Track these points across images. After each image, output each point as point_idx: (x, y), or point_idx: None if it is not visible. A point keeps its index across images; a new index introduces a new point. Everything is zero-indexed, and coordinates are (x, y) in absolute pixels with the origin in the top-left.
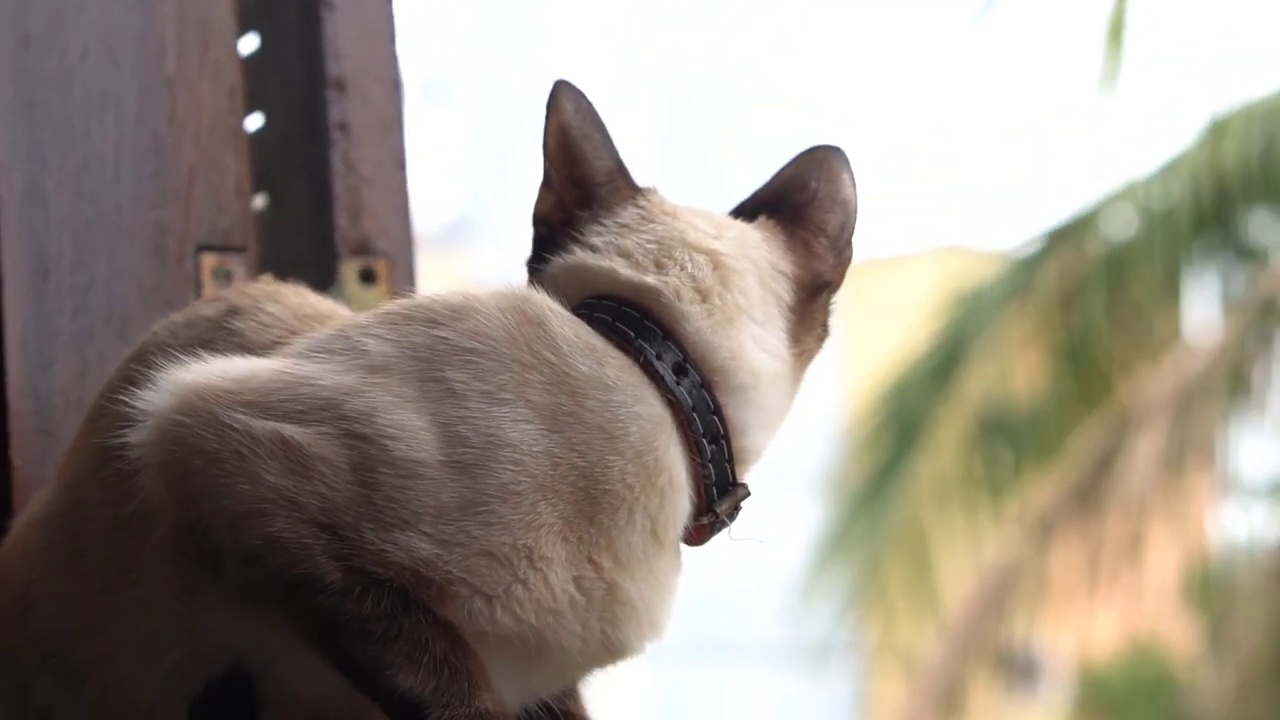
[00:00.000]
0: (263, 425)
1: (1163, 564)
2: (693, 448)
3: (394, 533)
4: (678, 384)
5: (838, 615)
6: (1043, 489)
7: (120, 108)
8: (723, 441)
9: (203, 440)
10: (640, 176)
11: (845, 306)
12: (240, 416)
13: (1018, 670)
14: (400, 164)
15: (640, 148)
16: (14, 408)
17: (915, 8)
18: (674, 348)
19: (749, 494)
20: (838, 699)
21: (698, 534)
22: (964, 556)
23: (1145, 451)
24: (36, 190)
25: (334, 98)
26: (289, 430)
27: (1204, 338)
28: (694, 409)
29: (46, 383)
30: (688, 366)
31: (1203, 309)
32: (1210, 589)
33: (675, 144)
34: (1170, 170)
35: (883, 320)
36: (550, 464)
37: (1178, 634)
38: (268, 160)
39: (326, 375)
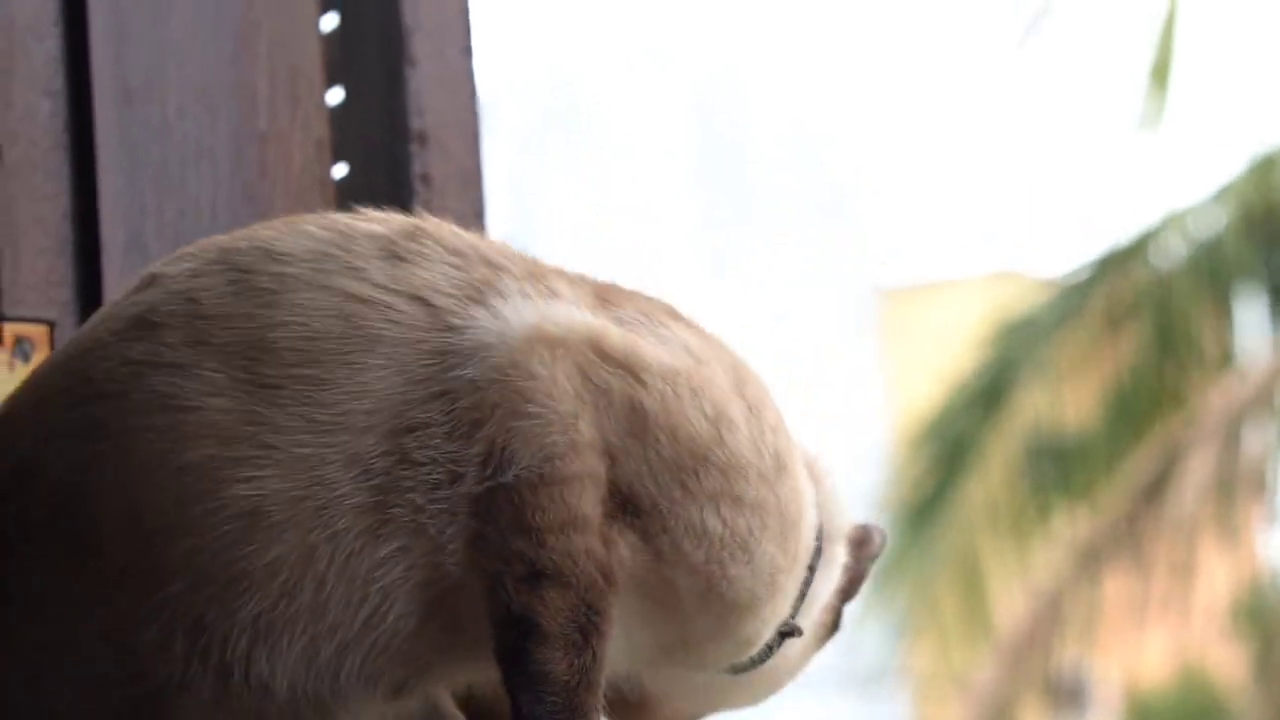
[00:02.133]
0: (621, 387)
1: (1212, 590)
2: None
3: (694, 513)
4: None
5: (890, 639)
6: (1093, 514)
7: (215, 159)
8: None
9: (557, 390)
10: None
11: (895, 330)
12: (603, 374)
13: (1067, 695)
14: (479, 214)
15: (680, 174)
16: None
17: (968, 32)
18: None
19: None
20: None
21: None
22: (1015, 581)
23: (1195, 477)
24: (137, 238)
25: (416, 151)
26: (639, 396)
27: (1253, 364)
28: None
29: None
30: None
31: (1252, 336)
32: (1259, 616)
33: (712, 167)
34: (1219, 198)
35: (933, 344)
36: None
37: (1226, 661)
38: (349, 207)
39: (665, 354)
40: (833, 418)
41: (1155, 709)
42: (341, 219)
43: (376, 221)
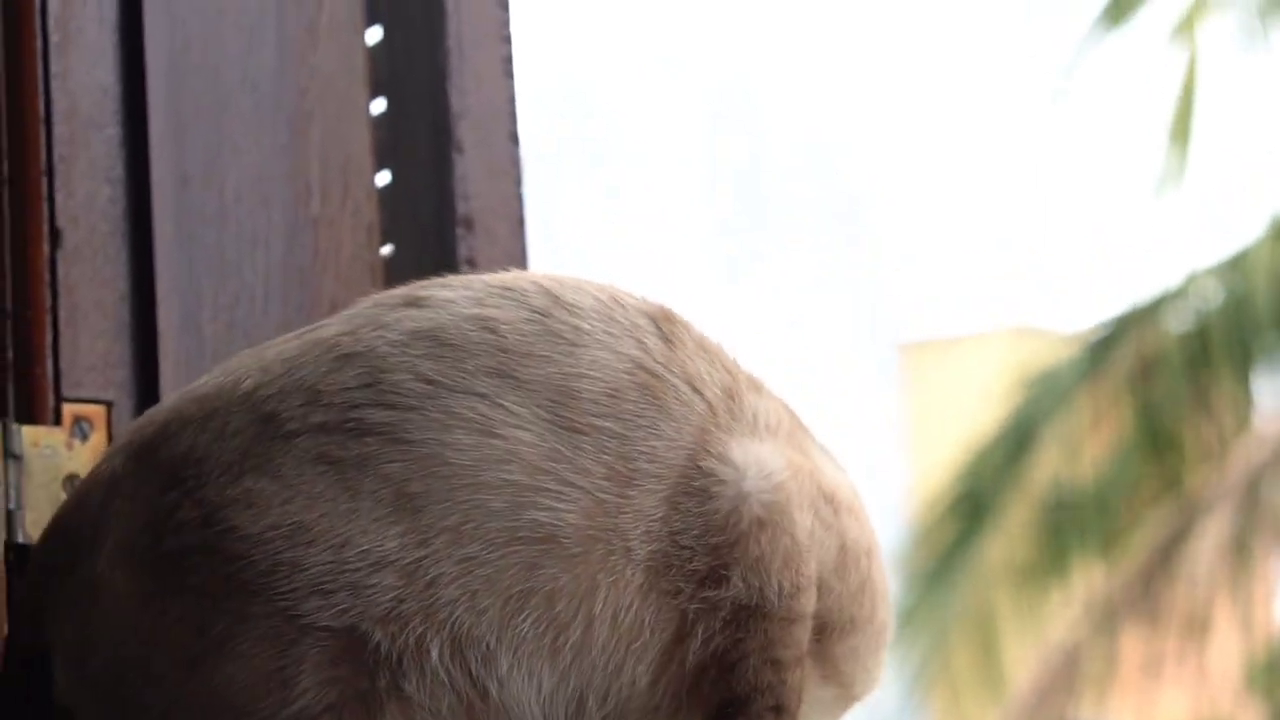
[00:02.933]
0: (833, 524)
1: (1227, 649)
2: None
3: (858, 638)
4: None
5: (904, 694)
6: (1110, 572)
7: (269, 244)
8: None
9: (801, 530)
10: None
11: (913, 384)
12: (825, 513)
13: None
14: None
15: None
16: None
17: (993, 85)
18: None
19: None
20: None
21: None
22: (1031, 638)
23: (1212, 536)
24: (192, 320)
25: (462, 234)
26: (844, 533)
27: (1273, 425)
28: None
29: None
30: None
31: (1272, 397)
32: (1275, 675)
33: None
34: (1241, 259)
35: (951, 399)
36: None
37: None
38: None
39: (839, 480)
40: (851, 447)
41: None
42: (604, 285)
43: (633, 295)
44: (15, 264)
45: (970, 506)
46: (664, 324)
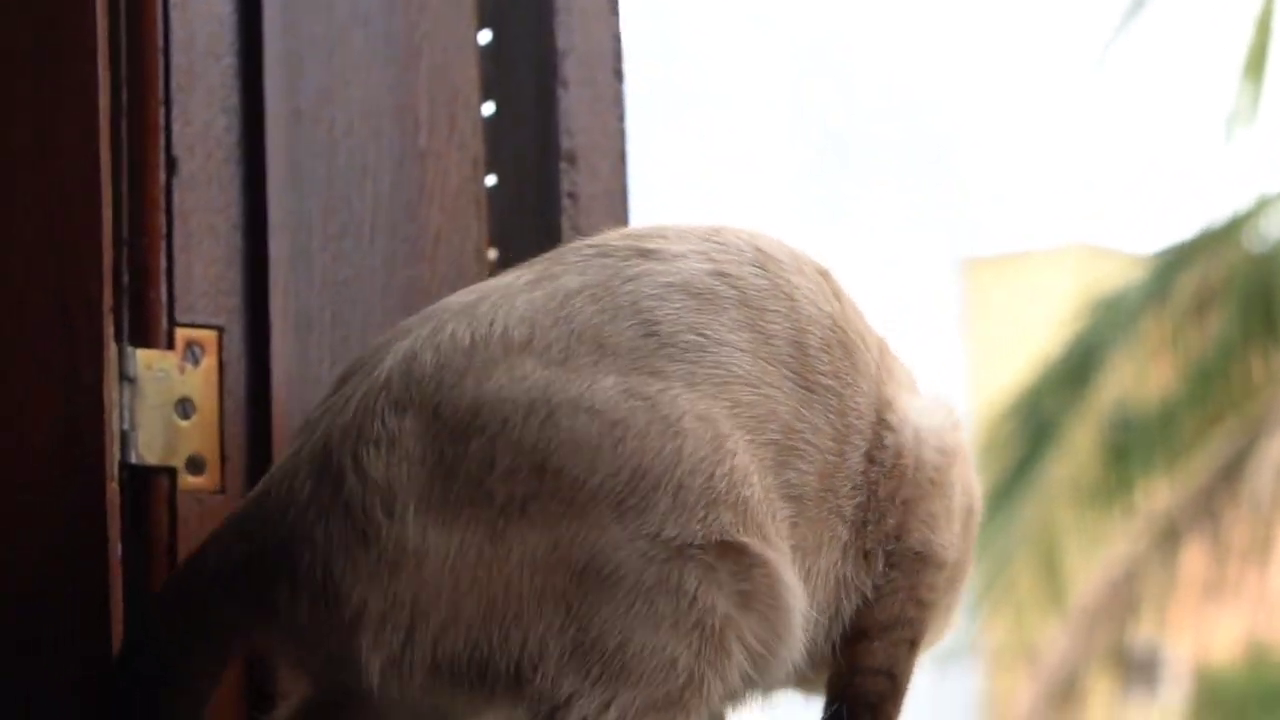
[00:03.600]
0: (970, 488)
1: None
2: None
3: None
4: None
5: (965, 613)
6: (1172, 493)
7: (378, 178)
8: None
9: (957, 491)
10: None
11: (976, 300)
12: (969, 478)
13: (1138, 671)
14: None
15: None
16: (278, 446)
17: (1073, 14)
18: None
19: None
20: (961, 695)
21: None
22: (1092, 558)
23: (1273, 459)
24: (303, 251)
25: (565, 169)
26: (974, 499)
27: None
28: None
29: None
30: None
31: None
32: None
33: (809, 122)
34: None
35: (1013, 315)
36: None
37: None
38: (502, 220)
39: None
40: (913, 361)
41: (1226, 687)
42: (776, 239)
43: (801, 250)
44: (132, 191)
45: (1035, 427)
46: (831, 280)
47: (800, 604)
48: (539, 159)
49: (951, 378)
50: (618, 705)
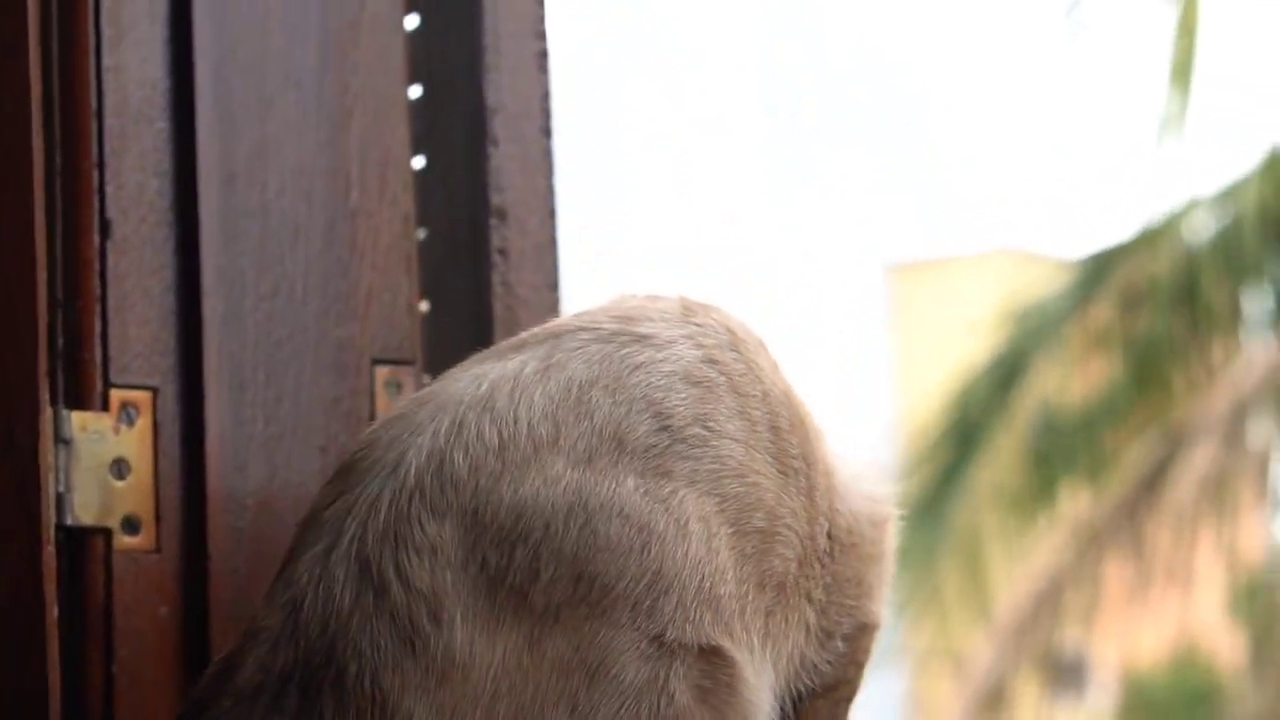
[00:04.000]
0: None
1: (1210, 576)
2: None
3: None
4: None
5: (892, 617)
6: (1097, 499)
7: (310, 237)
8: None
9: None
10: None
11: (900, 306)
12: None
13: (1065, 675)
14: (553, 286)
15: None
16: (212, 506)
17: (1005, 13)
18: None
19: None
20: (888, 698)
21: None
22: (1018, 565)
23: (1197, 465)
24: (236, 311)
25: (495, 225)
26: None
27: (1259, 356)
28: None
29: (241, 484)
30: None
31: (1260, 328)
32: (1257, 601)
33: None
34: (1233, 192)
35: (937, 322)
36: None
37: (1223, 645)
38: (432, 272)
39: None
40: (838, 369)
41: (1152, 690)
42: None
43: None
44: (66, 254)
45: (961, 432)
46: (771, 352)
47: (763, 700)
48: (469, 214)
49: (877, 384)
50: None
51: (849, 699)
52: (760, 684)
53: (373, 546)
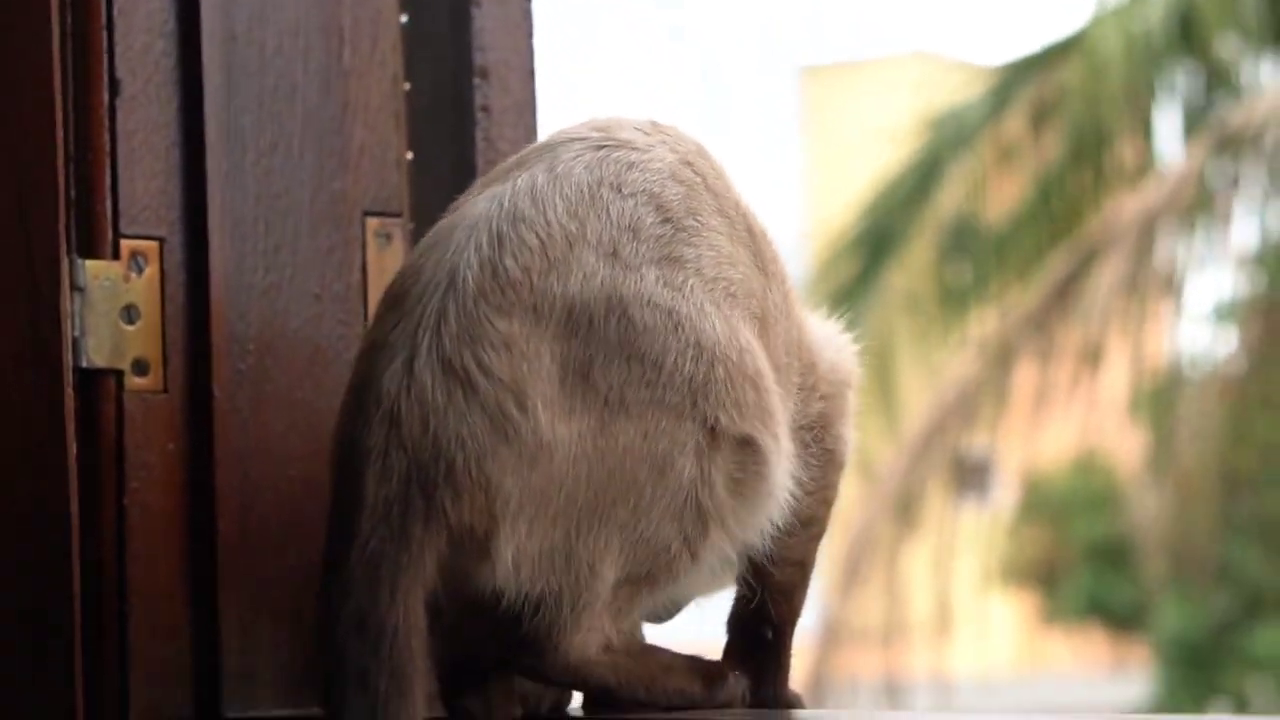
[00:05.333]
0: None
1: (1115, 383)
2: None
3: None
4: None
5: None
6: (1007, 309)
7: (306, 95)
8: None
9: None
10: None
11: (812, 109)
12: None
13: (970, 477)
14: (531, 141)
15: None
16: (216, 349)
17: None
18: None
19: None
20: None
21: None
22: (928, 372)
23: (1107, 276)
24: (237, 166)
25: (479, 84)
26: None
27: (1171, 167)
28: None
29: (242, 329)
30: None
31: (1172, 139)
32: (1156, 408)
33: None
34: (1145, 1)
35: (849, 125)
36: None
37: (1123, 451)
38: (417, 127)
39: None
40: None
41: (1053, 492)
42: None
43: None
44: (78, 111)
45: (874, 239)
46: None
47: (780, 494)
48: (453, 74)
49: (788, 187)
50: (629, 587)
51: (818, 537)
52: (781, 477)
53: (452, 349)
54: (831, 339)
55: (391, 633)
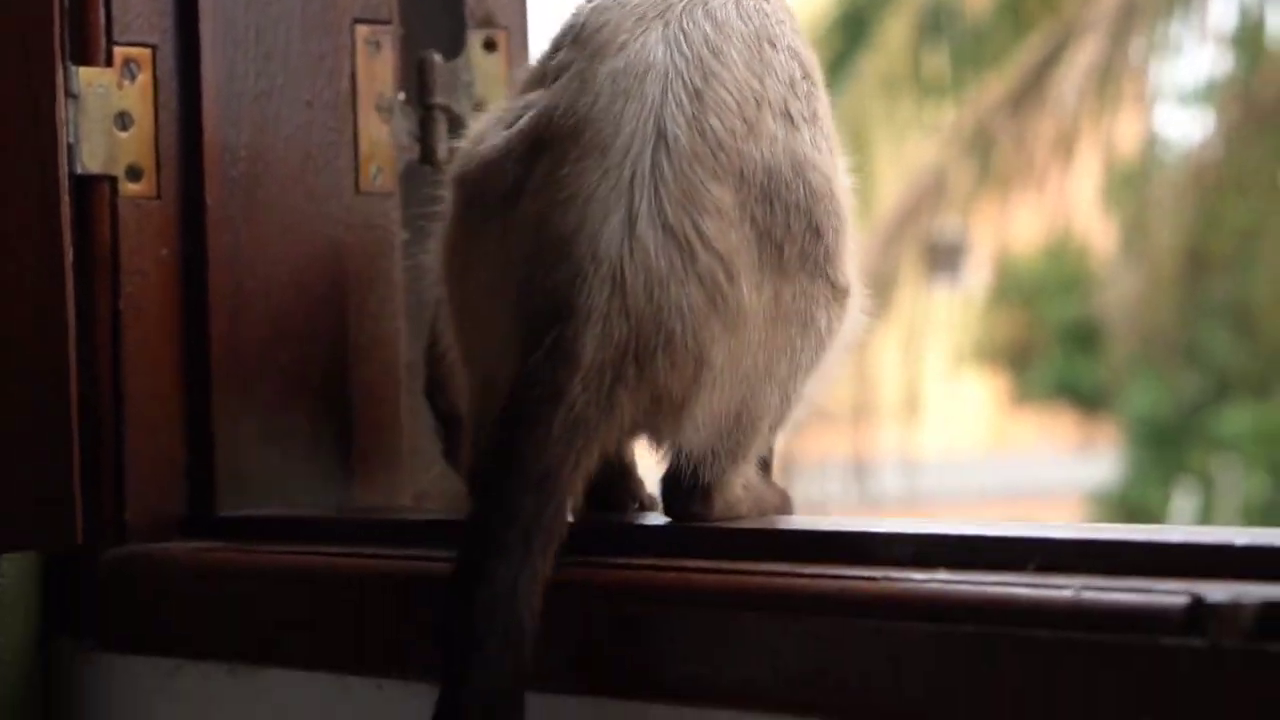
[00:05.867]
0: None
1: (1089, 167)
2: None
3: None
4: None
5: None
6: (982, 92)
7: None
8: None
9: None
10: None
11: None
12: None
13: (942, 258)
14: None
15: None
16: (208, 156)
17: None
18: None
19: None
20: None
21: None
22: (902, 154)
23: (1083, 59)
24: None
25: None
26: None
27: None
28: None
29: (234, 136)
30: None
31: None
32: (1130, 190)
33: None
34: None
35: None
36: None
37: (1096, 234)
38: None
39: None
40: None
41: (1026, 274)
42: None
43: None
44: None
45: (850, 22)
46: None
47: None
48: None
49: None
50: (771, 433)
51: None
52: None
53: (673, 213)
54: None
55: (563, 496)
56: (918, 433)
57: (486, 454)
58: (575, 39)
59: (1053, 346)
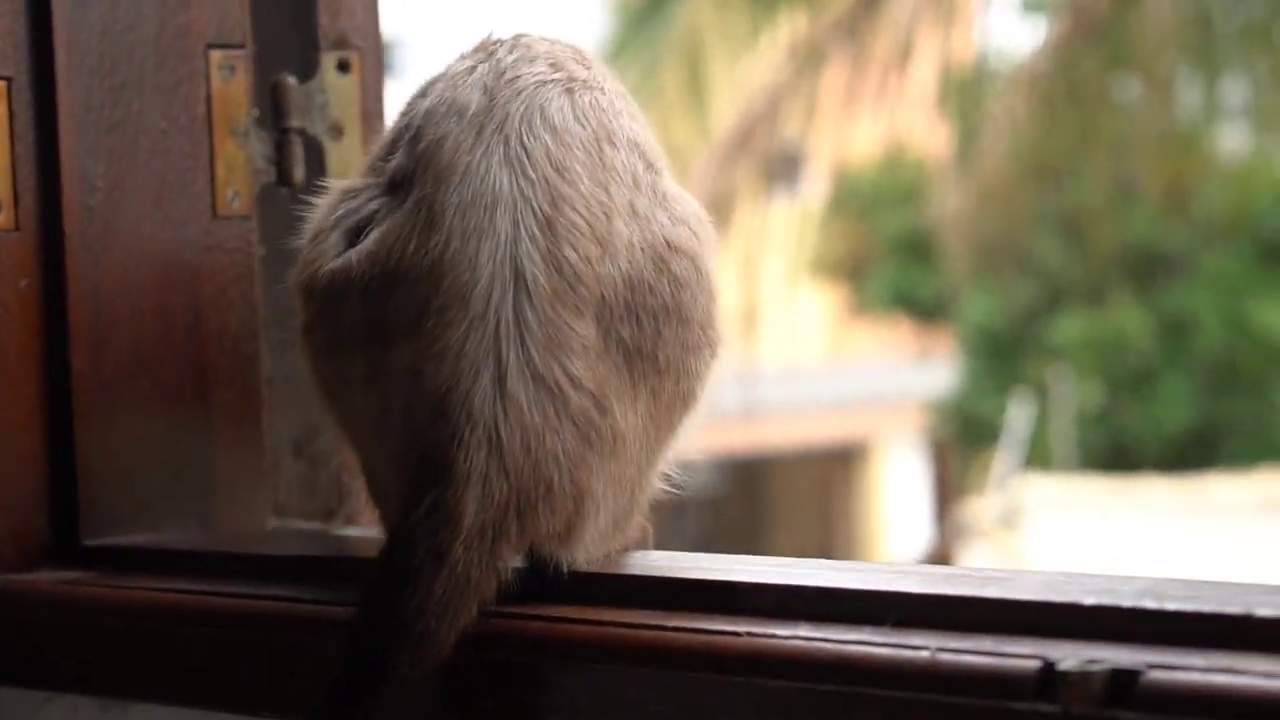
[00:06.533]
0: None
1: (924, 78)
2: None
3: None
4: None
5: None
6: (818, 14)
7: None
8: None
9: None
10: None
11: None
12: None
13: (780, 171)
14: None
15: None
16: (65, 186)
17: None
18: None
19: None
20: None
21: None
22: (739, 67)
23: None
24: (82, 4)
25: None
26: None
27: None
28: None
29: (91, 166)
30: None
31: None
32: (964, 100)
33: None
34: None
35: None
36: None
37: (933, 143)
38: None
39: None
40: None
41: (862, 184)
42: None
43: None
44: None
45: None
46: None
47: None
48: None
49: None
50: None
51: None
52: None
53: (541, 361)
54: None
55: (441, 653)
56: (757, 345)
57: (367, 597)
58: (413, 149)
59: (889, 257)
